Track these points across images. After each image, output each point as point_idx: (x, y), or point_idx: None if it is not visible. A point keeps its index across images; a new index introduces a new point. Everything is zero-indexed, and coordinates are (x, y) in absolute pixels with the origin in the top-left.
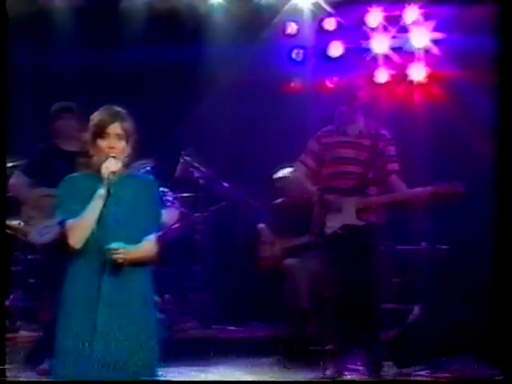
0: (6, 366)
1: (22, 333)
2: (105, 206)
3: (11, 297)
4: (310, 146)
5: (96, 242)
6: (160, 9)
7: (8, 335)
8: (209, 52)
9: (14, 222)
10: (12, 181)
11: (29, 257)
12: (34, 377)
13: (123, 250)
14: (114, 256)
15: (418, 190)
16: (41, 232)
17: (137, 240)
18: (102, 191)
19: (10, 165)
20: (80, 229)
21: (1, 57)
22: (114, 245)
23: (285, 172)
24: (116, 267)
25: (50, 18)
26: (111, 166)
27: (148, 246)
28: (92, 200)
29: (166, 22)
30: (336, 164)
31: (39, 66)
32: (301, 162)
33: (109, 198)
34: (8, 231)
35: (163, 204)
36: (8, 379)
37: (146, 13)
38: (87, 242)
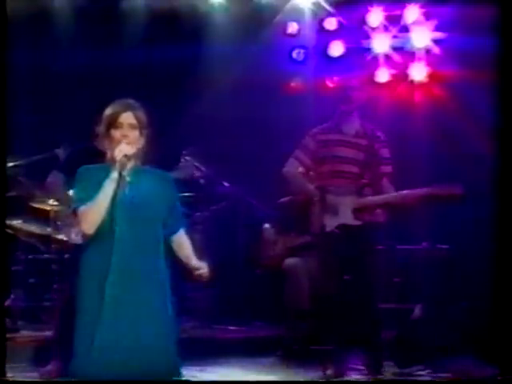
0: (7, 366)
1: (23, 333)
2: (123, 190)
3: (12, 297)
4: (305, 142)
5: (113, 224)
6: (160, 9)
7: (8, 335)
8: (209, 52)
9: (15, 222)
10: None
11: (29, 257)
12: (34, 377)
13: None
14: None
15: (416, 191)
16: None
17: (152, 227)
18: (114, 174)
19: (10, 165)
20: (93, 213)
21: (1, 57)
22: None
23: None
24: (129, 255)
25: (50, 18)
26: (124, 150)
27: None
28: (104, 184)
29: (166, 22)
30: (333, 163)
31: (39, 66)
32: (295, 158)
33: (127, 184)
34: (8, 231)
35: None
36: (8, 379)
37: (146, 13)
38: (105, 229)
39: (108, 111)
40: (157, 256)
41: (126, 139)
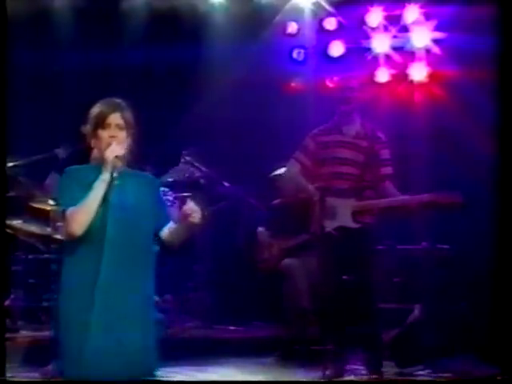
0: (7, 366)
1: (23, 333)
2: (112, 194)
3: (12, 297)
4: (305, 143)
5: (103, 231)
6: (160, 9)
7: (8, 335)
8: (209, 52)
9: (15, 222)
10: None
11: (29, 257)
12: (34, 377)
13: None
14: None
15: (417, 197)
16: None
17: (143, 231)
18: (105, 175)
19: (10, 165)
20: (82, 214)
21: (1, 57)
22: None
23: (281, 170)
24: (119, 258)
25: (50, 18)
26: (115, 150)
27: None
28: (95, 185)
29: (166, 22)
30: (333, 164)
31: (39, 66)
32: (295, 159)
33: (116, 188)
34: (8, 231)
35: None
36: (8, 379)
37: (146, 13)
38: (94, 230)
39: (95, 111)
40: (145, 259)
41: (115, 140)
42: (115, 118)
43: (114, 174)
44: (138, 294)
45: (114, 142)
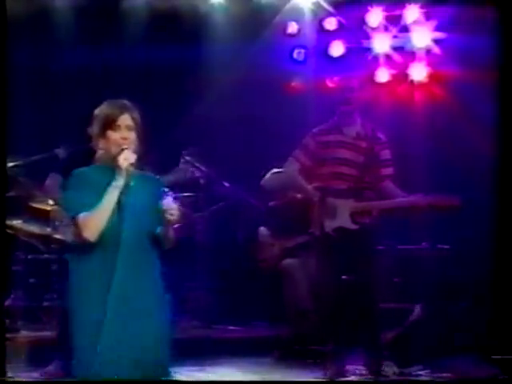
0: (7, 366)
1: (23, 333)
2: (124, 197)
3: (12, 297)
4: (305, 142)
5: (113, 232)
6: (160, 9)
7: (8, 335)
8: (209, 52)
9: (15, 222)
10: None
11: (29, 257)
12: (34, 377)
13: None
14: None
15: (415, 199)
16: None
17: (152, 231)
18: (120, 182)
19: (10, 165)
20: (96, 220)
21: (1, 57)
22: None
23: (274, 171)
24: (131, 259)
25: (50, 18)
26: (130, 158)
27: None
28: (109, 191)
29: (166, 22)
30: (332, 164)
31: (39, 65)
32: (294, 158)
33: (127, 190)
34: (8, 231)
35: None
36: (8, 379)
37: (146, 13)
38: (104, 233)
39: (104, 112)
40: (155, 261)
41: (126, 142)
42: (125, 120)
43: (129, 181)
44: (151, 294)
45: (125, 147)
